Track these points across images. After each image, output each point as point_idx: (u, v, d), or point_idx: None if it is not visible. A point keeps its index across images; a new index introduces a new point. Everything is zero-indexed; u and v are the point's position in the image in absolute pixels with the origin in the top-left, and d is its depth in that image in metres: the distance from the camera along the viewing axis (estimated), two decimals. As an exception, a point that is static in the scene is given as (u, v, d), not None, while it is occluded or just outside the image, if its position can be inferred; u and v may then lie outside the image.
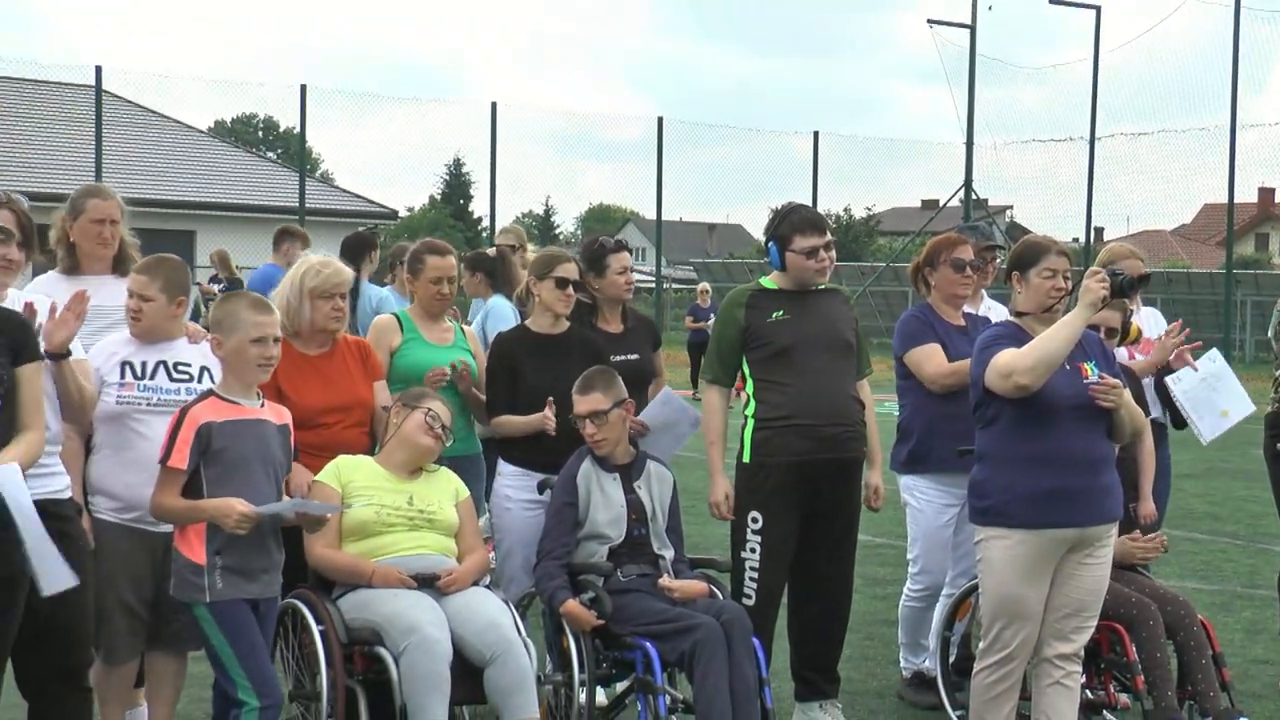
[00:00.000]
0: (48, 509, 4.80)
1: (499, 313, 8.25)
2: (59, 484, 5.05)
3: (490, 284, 8.79)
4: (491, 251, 9.46)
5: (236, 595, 5.03)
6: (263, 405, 5.23)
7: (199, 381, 5.60)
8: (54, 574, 4.44)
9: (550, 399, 6.32)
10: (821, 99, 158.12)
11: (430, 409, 5.92)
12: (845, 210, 62.48)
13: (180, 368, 5.65)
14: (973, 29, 32.81)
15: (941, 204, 36.11)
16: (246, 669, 5.03)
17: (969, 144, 32.82)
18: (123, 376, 5.53)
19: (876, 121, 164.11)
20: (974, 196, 32.94)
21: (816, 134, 30.26)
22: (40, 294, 5.61)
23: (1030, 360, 5.37)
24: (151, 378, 5.59)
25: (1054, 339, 5.38)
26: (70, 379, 5.20)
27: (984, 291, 7.42)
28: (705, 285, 25.52)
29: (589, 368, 6.34)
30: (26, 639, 4.73)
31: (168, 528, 5.29)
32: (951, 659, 6.50)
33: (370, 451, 6.11)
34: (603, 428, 6.11)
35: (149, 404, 5.52)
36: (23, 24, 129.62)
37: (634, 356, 6.84)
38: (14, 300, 5.22)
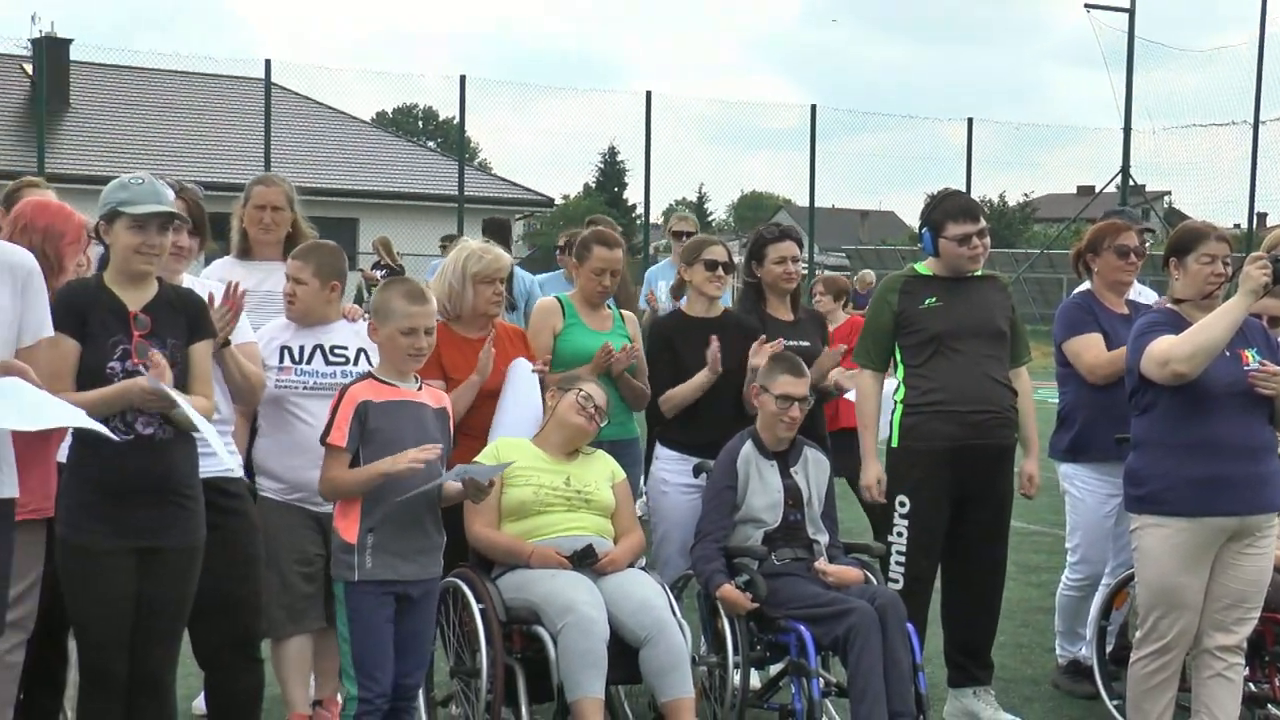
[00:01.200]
0: (219, 486, 4.98)
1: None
2: (230, 463, 5.21)
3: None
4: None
5: (387, 576, 5.09)
6: (420, 389, 5.31)
7: (355, 364, 5.74)
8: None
9: (715, 336, 6.42)
10: (976, 85, 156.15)
11: (583, 390, 6.01)
12: (1000, 197, 61.54)
13: (336, 351, 5.80)
14: (1131, 12, 32.08)
15: (1098, 190, 35.42)
16: (358, 658, 5.09)
17: (1126, 129, 32.10)
18: (281, 361, 5.70)
19: (1032, 107, 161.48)
20: (1131, 182, 32.25)
21: (971, 120, 29.85)
22: (216, 277, 5.81)
23: (1188, 348, 5.30)
24: (309, 361, 5.76)
25: (1213, 327, 5.30)
26: (234, 365, 5.35)
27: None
28: (868, 273, 25.27)
29: (743, 351, 6.42)
30: (201, 610, 4.88)
31: (326, 509, 5.42)
32: (1109, 648, 6.45)
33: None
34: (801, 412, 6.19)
35: (306, 387, 5.69)
36: (199, 20, 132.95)
37: (805, 344, 6.84)
38: (188, 285, 5.40)
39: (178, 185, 5.43)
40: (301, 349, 5.77)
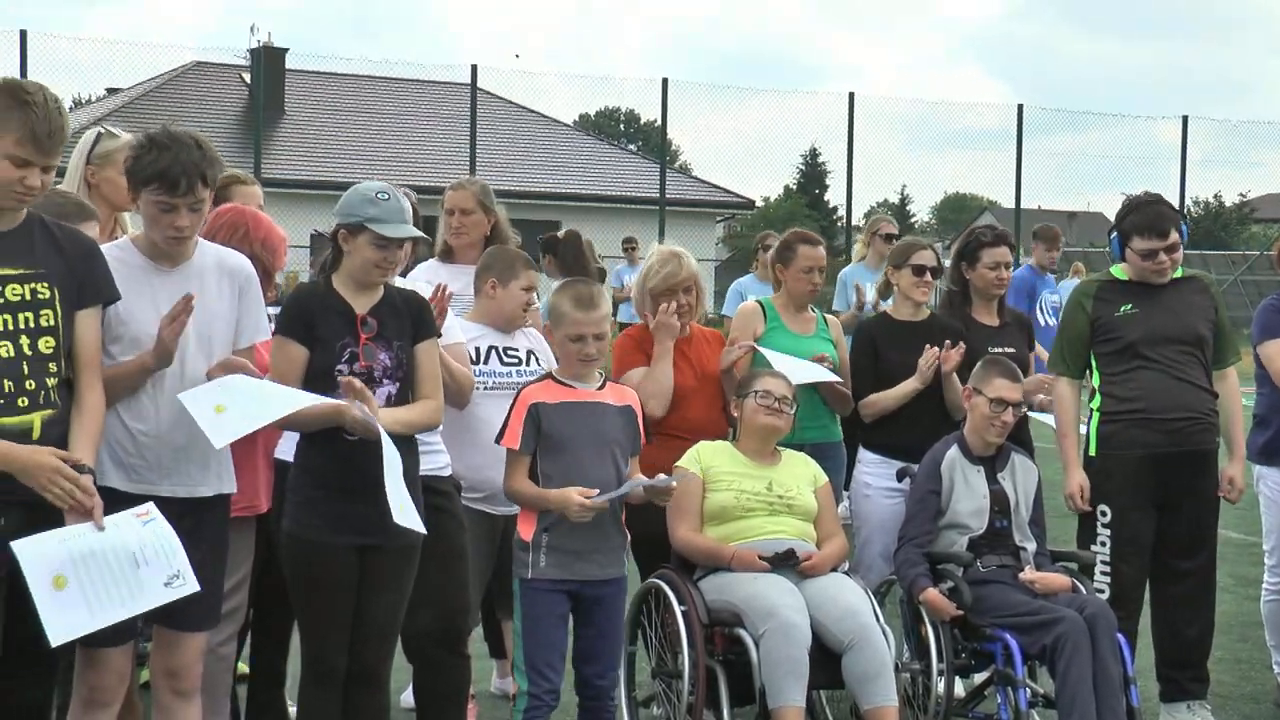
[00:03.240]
0: (429, 484, 5.06)
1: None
2: (440, 461, 5.32)
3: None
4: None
5: (562, 575, 5.14)
6: (602, 387, 5.32)
7: (527, 365, 5.84)
8: (408, 514, 4.61)
9: (930, 345, 6.38)
10: (1189, 81, 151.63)
11: (758, 389, 5.99)
12: (1215, 196, 59.79)
13: (510, 352, 5.89)
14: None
15: (1323, 190, 34.13)
16: (528, 654, 5.16)
17: (1355, 127, 30.90)
18: None
19: (1252, 103, 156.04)
20: (1360, 181, 31.01)
21: (1185, 118, 29.01)
22: (422, 280, 5.93)
23: None
24: (485, 362, 5.85)
25: None
26: (443, 367, 5.43)
27: None
28: (1080, 266, 24.64)
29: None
30: (411, 605, 4.96)
31: (511, 509, 5.49)
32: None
33: (726, 434, 6.24)
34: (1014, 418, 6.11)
35: (485, 388, 5.76)
36: (409, 29, 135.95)
37: (1010, 350, 6.73)
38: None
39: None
40: (478, 350, 5.87)
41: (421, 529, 4.64)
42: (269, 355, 4.75)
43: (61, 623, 3.91)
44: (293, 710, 5.30)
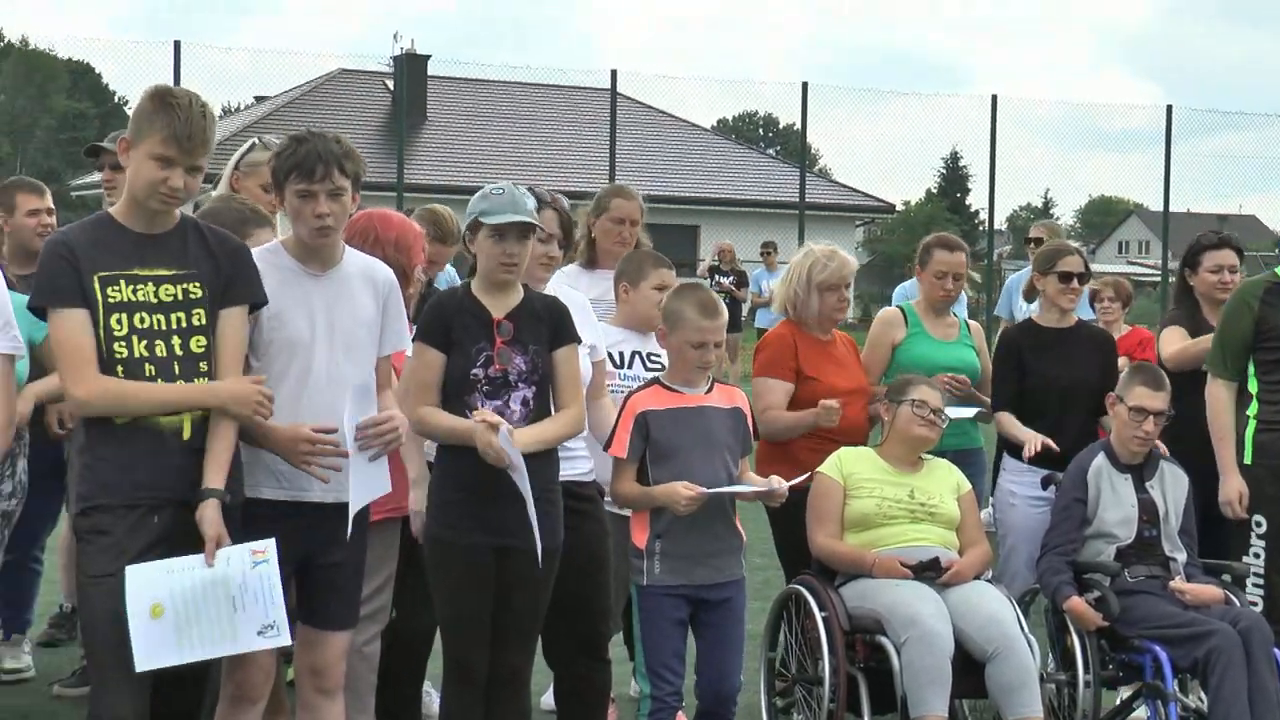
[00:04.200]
0: (570, 490, 5.08)
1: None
2: (583, 467, 5.32)
3: None
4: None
5: (677, 581, 5.14)
6: (710, 390, 5.28)
7: None
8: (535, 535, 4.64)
9: (1040, 440, 6.21)
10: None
11: (914, 399, 5.92)
12: (1373, 198, 58.12)
13: (653, 358, 5.88)
14: None
15: None
16: (648, 658, 5.17)
17: None
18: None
19: None
20: None
21: (1346, 117, 28.22)
22: (565, 285, 5.96)
23: None
24: (629, 367, 5.87)
25: None
26: None
27: None
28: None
29: (1101, 362, 6.23)
30: (552, 609, 4.98)
31: (626, 511, 5.49)
32: None
33: (866, 438, 6.18)
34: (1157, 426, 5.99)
35: (627, 391, 5.77)
36: (549, 34, 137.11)
37: None
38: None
39: (550, 196, 5.57)
40: (622, 354, 5.89)
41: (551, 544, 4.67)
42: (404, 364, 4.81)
43: (148, 651, 4.00)
44: (435, 709, 5.35)
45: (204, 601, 4.06)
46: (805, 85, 23.31)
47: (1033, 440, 6.21)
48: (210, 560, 4.07)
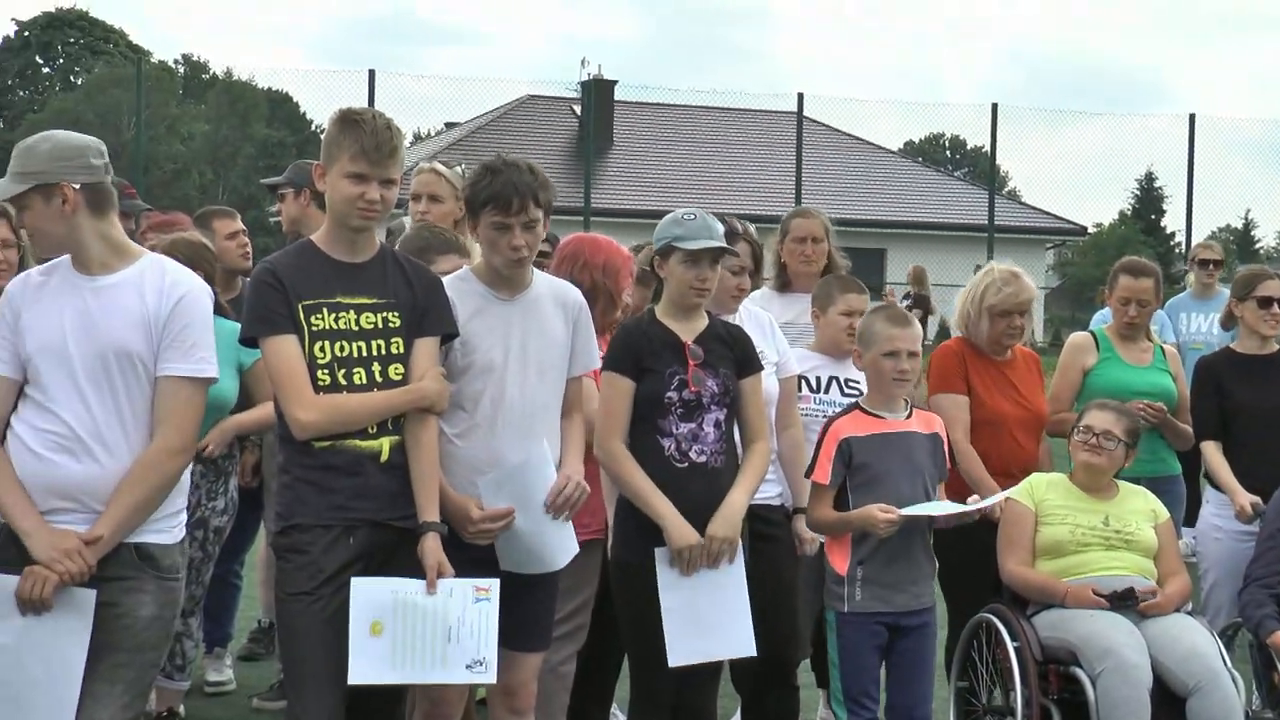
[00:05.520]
0: (757, 513, 5.08)
1: None
2: (771, 491, 5.33)
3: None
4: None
5: (878, 608, 5.12)
6: (909, 416, 5.27)
7: None
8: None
9: None
10: None
11: (1081, 425, 5.80)
12: None
13: (851, 384, 5.85)
14: None
15: None
16: (846, 685, 5.15)
17: None
18: (800, 390, 5.77)
19: None
20: None
21: None
22: (756, 307, 5.97)
23: None
24: (825, 391, 5.84)
25: None
26: None
27: None
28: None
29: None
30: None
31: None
32: None
33: (1038, 467, 6.07)
34: None
35: (824, 416, 5.73)
36: (733, 58, 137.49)
37: None
38: (743, 318, 5.53)
39: (741, 226, 5.60)
40: (819, 379, 5.87)
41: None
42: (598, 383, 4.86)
43: (364, 666, 4.11)
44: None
45: (422, 627, 4.15)
46: (995, 106, 23.01)
47: (1243, 504, 6.07)
48: (432, 589, 4.16)
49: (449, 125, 39.56)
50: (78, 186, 4.04)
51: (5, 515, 3.99)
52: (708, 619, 4.70)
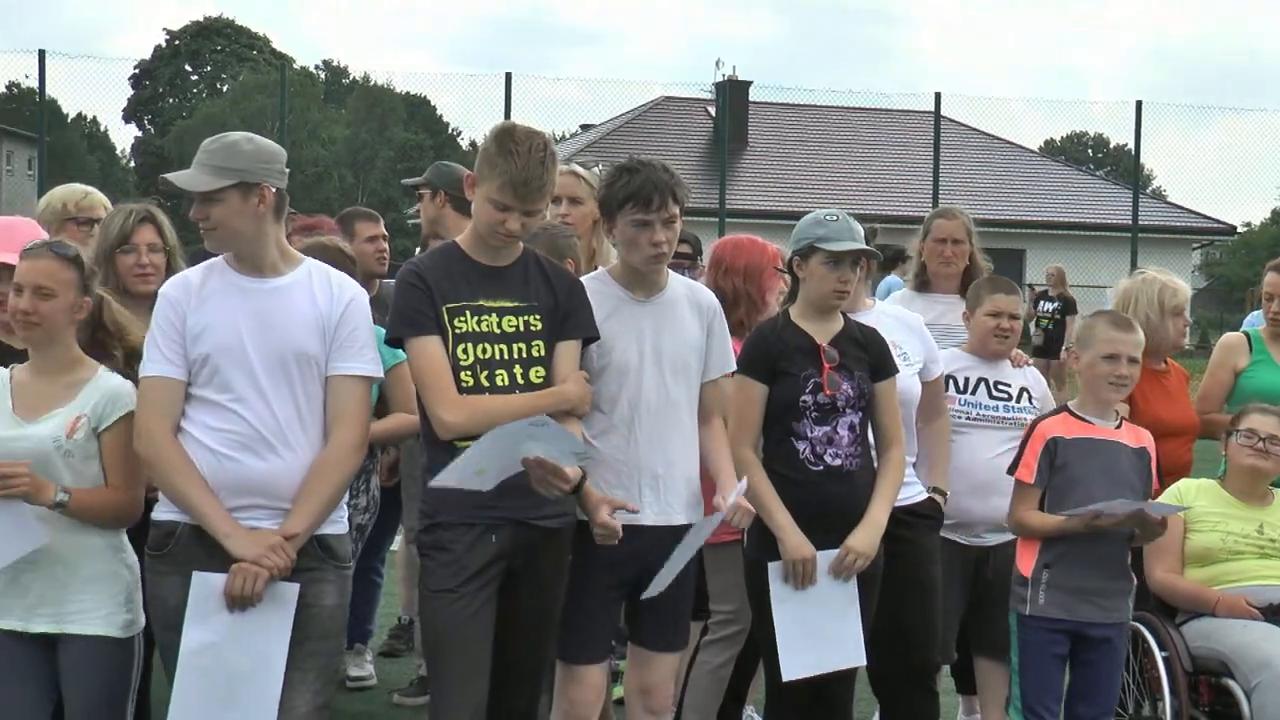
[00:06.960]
0: (899, 516, 5.02)
1: None
2: (912, 491, 5.27)
3: None
4: None
5: (1061, 615, 5.03)
6: (1119, 426, 5.18)
7: (1017, 401, 5.73)
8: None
9: None
10: None
11: (1244, 428, 5.65)
12: None
13: (1000, 386, 5.78)
14: None
15: None
16: (1025, 693, 5.08)
17: None
18: (946, 389, 5.71)
19: None
20: None
21: None
22: (896, 305, 5.90)
23: None
24: (973, 393, 5.77)
25: None
26: None
27: None
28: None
29: None
30: (875, 637, 4.88)
31: (984, 540, 5.52)
32: None
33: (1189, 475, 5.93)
34: None
35: (968, 417, 5.70)
36: (871, 57, 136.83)
37: None
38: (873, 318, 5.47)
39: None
40: (966, 380, 5.80)
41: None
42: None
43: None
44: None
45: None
46: (1139, 104, 22.56)
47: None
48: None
49: (584, 127, 39.79)
50: (274, 190, 4.12)
51: (201, 520, 4.03)
52: (820, 630, 4.67)
